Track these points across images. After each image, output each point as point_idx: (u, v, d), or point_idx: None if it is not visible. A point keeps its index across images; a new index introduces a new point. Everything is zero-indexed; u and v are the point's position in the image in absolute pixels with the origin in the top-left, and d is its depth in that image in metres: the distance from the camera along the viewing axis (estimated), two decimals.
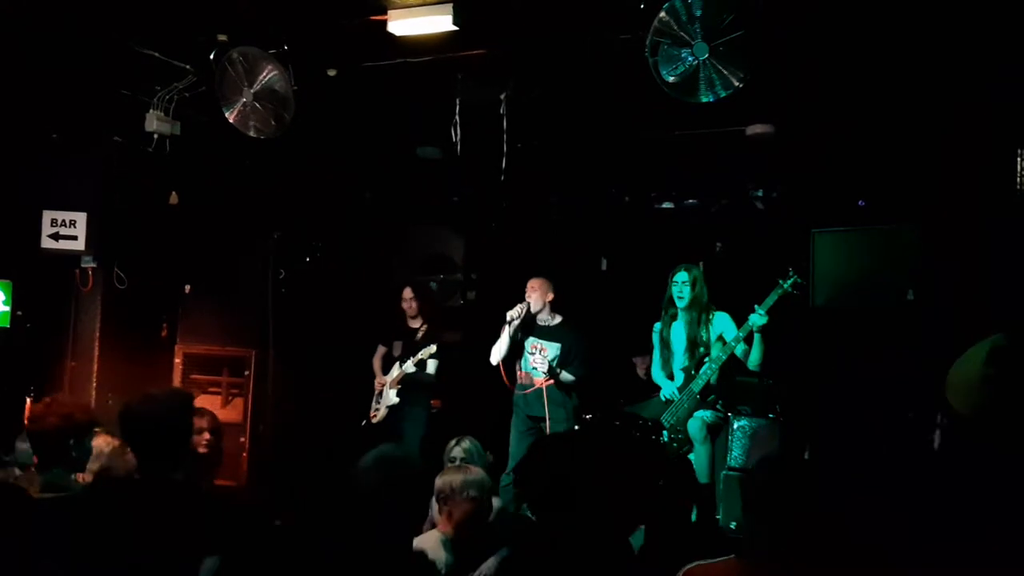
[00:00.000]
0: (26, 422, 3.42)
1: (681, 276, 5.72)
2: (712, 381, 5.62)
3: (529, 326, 6.18)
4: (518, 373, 6.24)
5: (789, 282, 5.51)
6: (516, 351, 6.23)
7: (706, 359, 5.63)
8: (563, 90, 5.86)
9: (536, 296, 6.12)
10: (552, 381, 6.06)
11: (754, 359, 5.55)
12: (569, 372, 6.11)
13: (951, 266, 5.36)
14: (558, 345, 6.14)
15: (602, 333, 6.69)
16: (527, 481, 2.21)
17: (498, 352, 6.17)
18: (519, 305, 6.09)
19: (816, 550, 2.00)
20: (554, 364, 6.09)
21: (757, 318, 5.41)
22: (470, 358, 7.09)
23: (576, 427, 6.09)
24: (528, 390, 6.15)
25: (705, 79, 4.56)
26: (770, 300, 5.46)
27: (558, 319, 6.22)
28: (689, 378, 5.67)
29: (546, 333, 6.19)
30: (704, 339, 5.67)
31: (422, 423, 6.90)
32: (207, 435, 5.25)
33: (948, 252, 5.40)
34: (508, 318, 6.08)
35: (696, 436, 5.55)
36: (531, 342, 6.19)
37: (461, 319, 7.86)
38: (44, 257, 6.12)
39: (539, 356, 6.15)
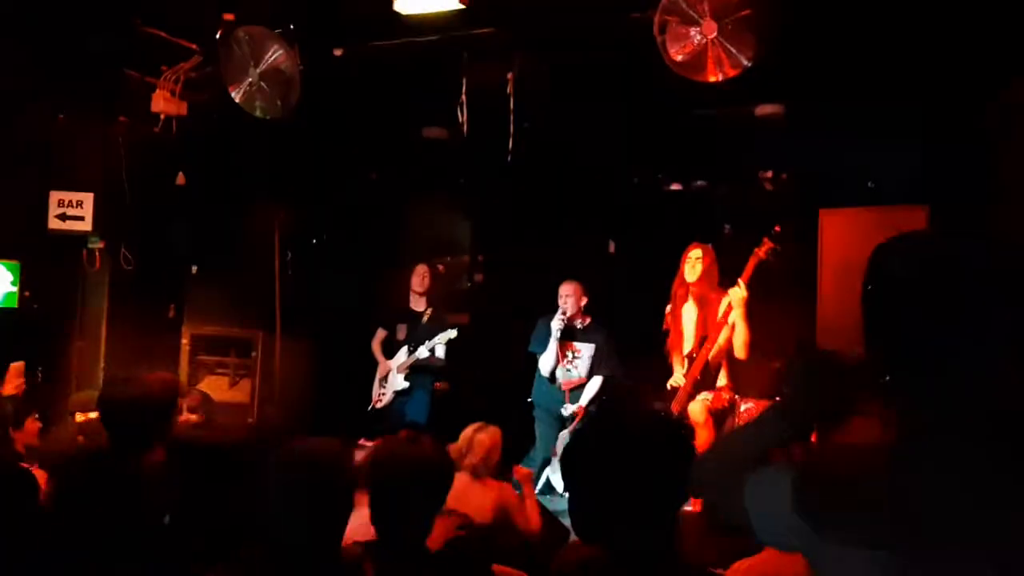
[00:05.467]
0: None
1: (695, 252, 5.72)
2: (710, 360, 5.61)
3: (565, 330, 6.25)
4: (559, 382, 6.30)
5: (764, 250, 5.46)
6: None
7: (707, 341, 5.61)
8: (571, 70, 5.82)
9: (572, 301, 6.19)
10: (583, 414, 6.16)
11: (738, 341, 5.51)
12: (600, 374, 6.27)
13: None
14: (592, 345, 6.27)
15: (610, 317, 6.68)
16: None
17: (548, 364, 6.26)
18: (558, 316, 6.15)
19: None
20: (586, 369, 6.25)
21: (736, 291, 5.40)
22: (477, 341, 7.09)
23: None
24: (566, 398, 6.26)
25: (714, 58, 4.52)
26: (746, 269, 5.44)
27: (588, 319, 6.34)
28: (691, 361, 5.66)
29: (580, 335, 6.30)
30: (711, 321, 5.64)
31: (425, 406, 6.88)
32: (185, 415, 5.22)
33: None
34: (555, 332, 6.15)
35: (698, 418, 5.52)
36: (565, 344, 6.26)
37: (468, 302, 7.85)
38: (51, 238, 6.13)
39: (575, 359, 6.26)
